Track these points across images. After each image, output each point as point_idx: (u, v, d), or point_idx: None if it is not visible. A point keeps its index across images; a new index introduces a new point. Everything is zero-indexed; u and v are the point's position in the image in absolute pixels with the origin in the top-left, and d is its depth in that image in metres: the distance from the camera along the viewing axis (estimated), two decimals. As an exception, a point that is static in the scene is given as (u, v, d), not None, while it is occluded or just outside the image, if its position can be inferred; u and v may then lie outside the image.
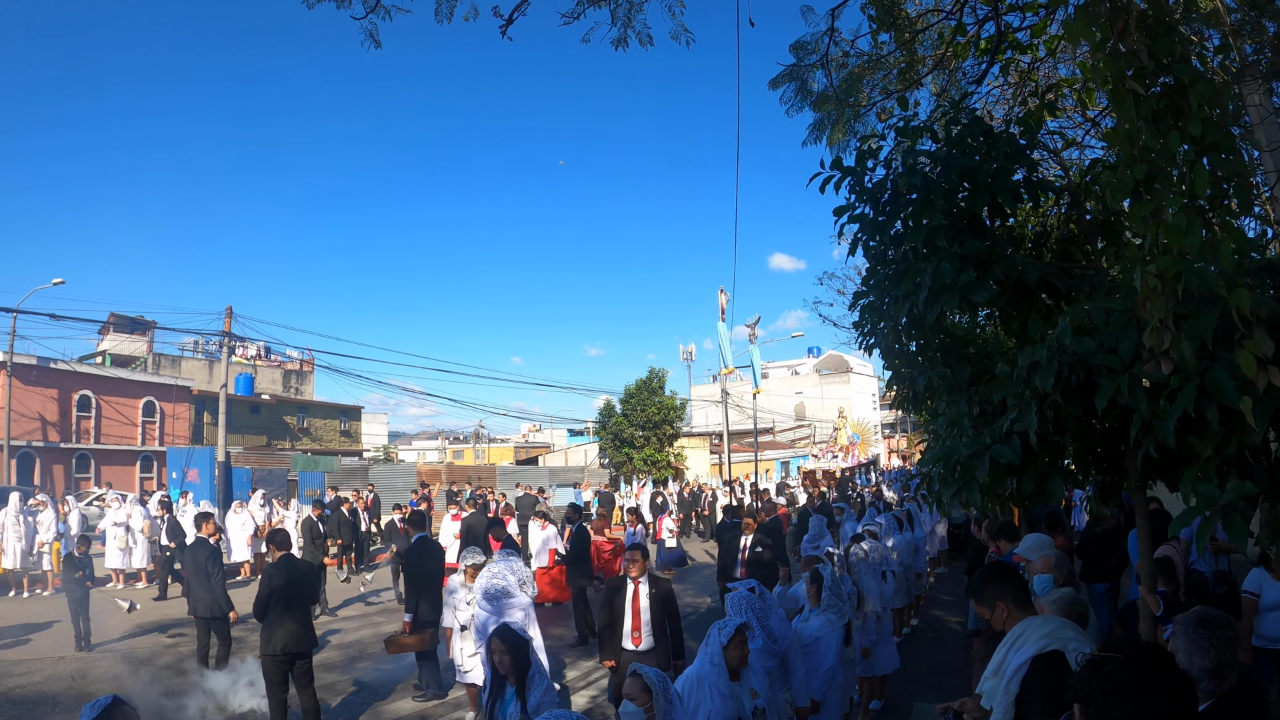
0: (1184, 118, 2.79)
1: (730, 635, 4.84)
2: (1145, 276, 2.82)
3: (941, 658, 10.70)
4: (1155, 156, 2.82)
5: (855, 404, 67.48)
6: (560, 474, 40.93)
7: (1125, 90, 2.83)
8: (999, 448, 3.77)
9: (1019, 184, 4.56)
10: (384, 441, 78.41)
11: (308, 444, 48.99)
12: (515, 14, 6.23)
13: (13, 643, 12.28)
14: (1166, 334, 2.82)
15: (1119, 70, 2.85)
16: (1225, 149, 2.79)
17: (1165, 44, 2.81)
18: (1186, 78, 2.81)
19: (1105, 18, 2.87)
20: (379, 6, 6.21)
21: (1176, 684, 2.41)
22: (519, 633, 5.05)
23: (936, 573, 16.66)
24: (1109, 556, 9.04)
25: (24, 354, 32.29)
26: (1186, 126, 2.76)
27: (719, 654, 4.80)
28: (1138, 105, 2.83)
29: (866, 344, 5.25)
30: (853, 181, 4.83)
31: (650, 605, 7.24)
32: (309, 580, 8.41)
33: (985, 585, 3.98)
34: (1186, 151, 2.79)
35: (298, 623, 7.87)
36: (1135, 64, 2.83)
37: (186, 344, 47.84)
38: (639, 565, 7.39)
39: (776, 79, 7.85)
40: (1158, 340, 2.85)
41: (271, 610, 7.80)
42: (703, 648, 4.93)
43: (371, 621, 14.01)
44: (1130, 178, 2.87)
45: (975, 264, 4.15)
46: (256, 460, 31.98)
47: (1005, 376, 3.92)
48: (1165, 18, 2.89)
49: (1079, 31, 2.99)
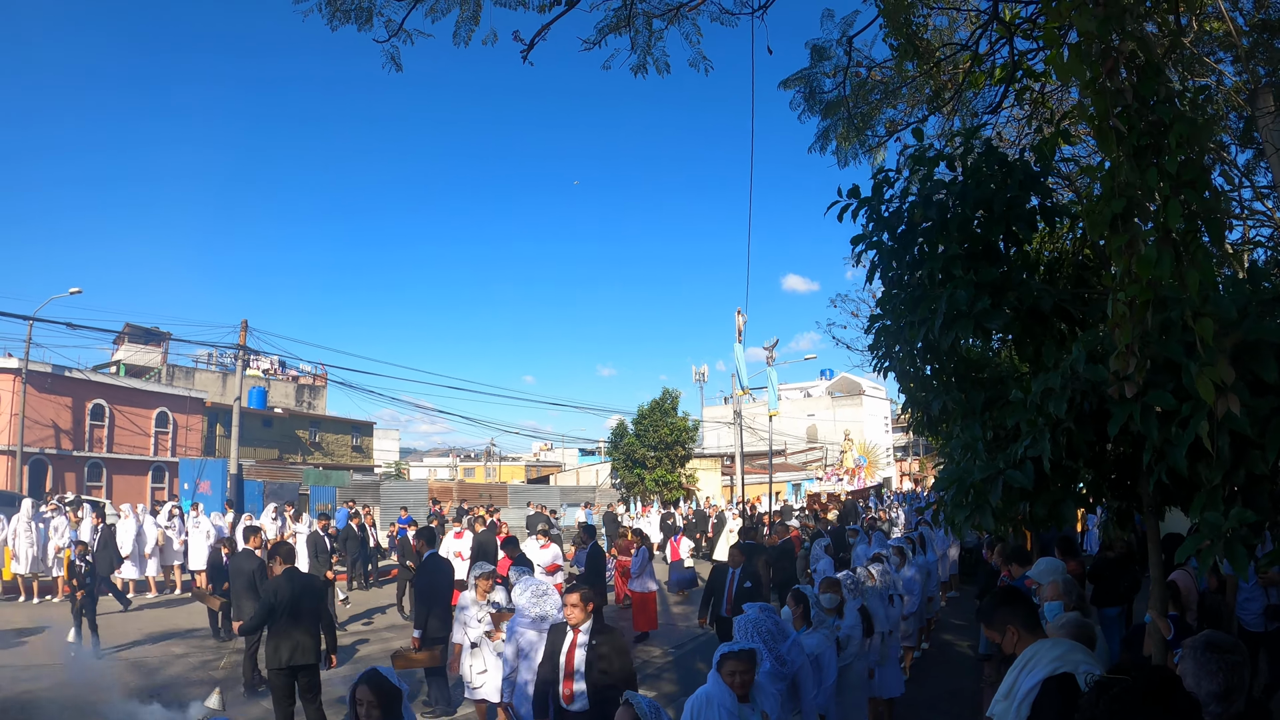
0: (1163, 154, 2.91)
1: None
2: (1115, 304, 2.98)
3: (951, 682, 10.67)
4: (1135, 191, 2.94)
5: (867, 427, 67.33)
6: (571, 493, 40.90)
7: (1109, 127, 2.95)
8: (1012, 472, 3.81)
9: (1033, 211, 4.61)
10: (395, 458, 78.51)
11: (319, 458, 49.07)
12: (536, 39, 6.34)
13: (20, 647, 12.36)
14: (1131, 359, 2.97)
15: (1105, 108, 2.97)
16: (1201, 186, 2.90)
17: (1150, 84, 2.94)
18: (1168, 117, 2.93)
19: (1096, 57, 2.96)
20: (401, 30, 6.33)
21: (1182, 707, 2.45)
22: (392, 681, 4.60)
23: (947, 597, 16.60)
24: (1121, 581, 9.01)
25: (39, 361, 32.53)
26: (1164, 163, 2.89)
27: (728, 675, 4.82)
28: (1120, 142, 2.96)
29: (882, 367, 5.29)
30: (869, 210, 4.89)
31: (587, 659, 6.09)
32: (316, 593, 8.44)
33: (995, 609, 4.00)
34: (1162, 187, 2.91)
35: (304, 635, 7.91)
36: (1121, 102, 2.96)
37: (200, 356, 48.18)
38: (578, 611, 6.25)
39: (788, 80, 7.87)
40: (1123, 364, 3.00)
41: (277, 623, 7.84)
42: (712, 671, 4.93)
43: (380, 637, 14.04)
44: (1109, 211, 3.00)
45: (990, 291, 4.20)
46: (268, 473, 32.09)
47: (1019, 402, 3.96)
48: (1153, 59, 3.01)
49: (1071, 69, 3.12)
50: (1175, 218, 2.84)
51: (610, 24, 6.51)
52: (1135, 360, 2.94)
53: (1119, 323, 2.94)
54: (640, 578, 14.21)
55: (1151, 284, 2.86)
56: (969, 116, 7.90)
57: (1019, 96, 6.86)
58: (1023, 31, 6.39)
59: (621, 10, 6.47)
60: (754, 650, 4.98)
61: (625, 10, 6.48)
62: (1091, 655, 3.75)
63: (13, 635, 13.00)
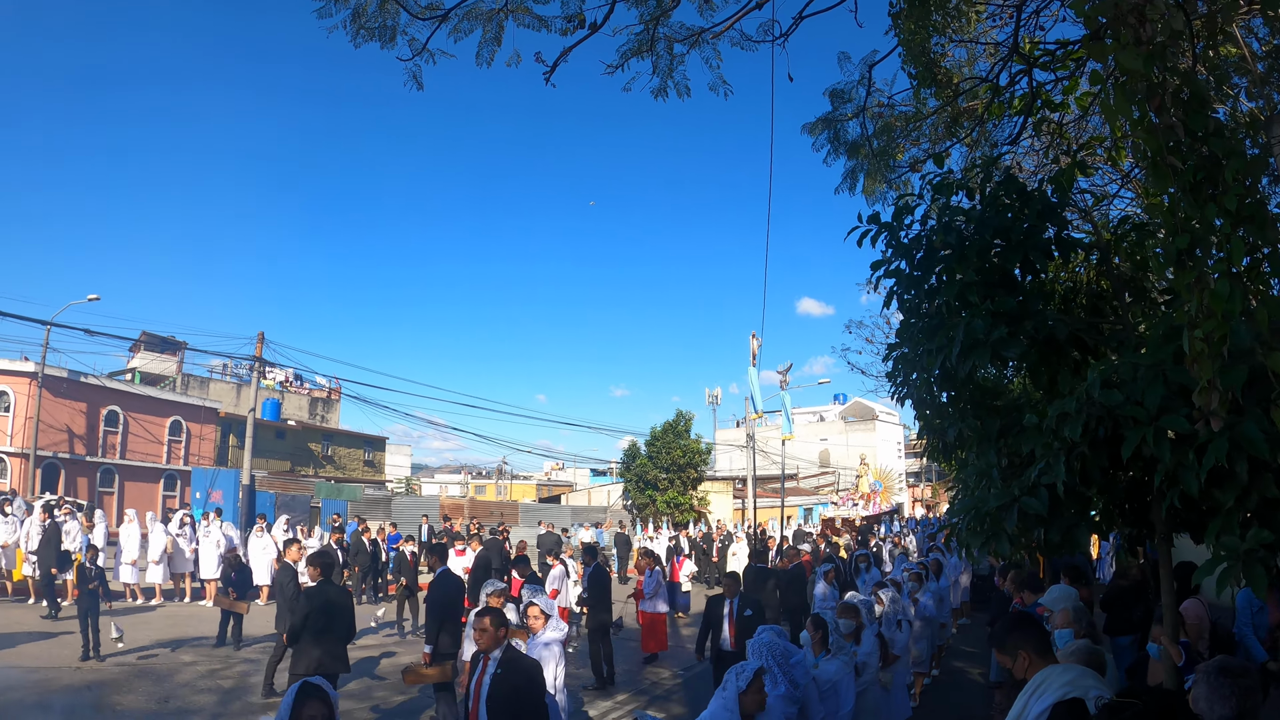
0: (1220, 189, 2.95)
1: (749, 680, 4.83)
2: (1193, 341, 2.96)
3: (962, 709, 10.62)
4: (1196, 226, 2.97)
5: (880, 451, 67.14)
6: (583, 513, 40.94)
7: (1164, 164, 2.98)
8: (1027, 499, 3.85)
9: (1050, 241, 4.65)
10: (407, 473, 78.60)
11: (331, 472, 49.26)
12: (559, 62, 6.44)
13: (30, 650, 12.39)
14: (1214, 394, 2.96)
15: (1157, 145, 3.00)
16: (1260, 221, 2.94)
17: (1199, 118, 2.95)
18: (1221, 151, 2.96)
19: (1142, 94, 3.00)
20: (424, 50, 6.43)
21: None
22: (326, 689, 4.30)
23: (959, 624, 16.53)
24: (1135, 610, 8.96)
25: (55, 366, 32.80)
26: (1223, 200, 2.92)
27: (734, 699, 4.78)
28: (1176, 178, 2.99)
29: (899, 395, 5.32)
30: (889, 236, 4.94)
31: (491, 691, 5.62)
32: (345, 605, 8.50)
33: (1008, 634, 4.03)
34: (1223, 225, 2.95)
35: (335, 645, 7.97)
36: (1172, 138, 2.98)
37: (215, 366, 48.56)
38: (486, 636, 5.77)
39: (812, 125, 7.99)
40: (1206, 400, 2.99)
41: (306, 632, 7.90)
42: (719, 692, 4.92)
43: (389, 652, 14.06)
44: (1174, 247, 3.03)
45: (1007, 320, 4.24)
46: (280, 485, 32.28)
47: (1034, 427, 4.00)
48: (1199, 93, 3.03)
49: (1118, 108, 3.12)
50: (1239, 254, 2.90)
51: (632, 48, 6.60)
52: (1219, 395, 2.95)
53: (1197, 359, 2.95)
54: (651, 599, 14.19)
55: (1225, 318, 2.88)
56: (989, 147, 7.95)
57: (1038, 127, 6.91)
58: (1042, 64, 6.45)
59: (644, 35, 6.57)
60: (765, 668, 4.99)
61: (647, 35, 6.57)
62: (1102, 681, 3.76)
63: (22, 637, 13.08)
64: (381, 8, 6.22)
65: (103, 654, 11.94)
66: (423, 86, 6.64)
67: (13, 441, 32.71)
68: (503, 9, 6.23)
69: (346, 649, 8.25)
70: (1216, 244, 3.00)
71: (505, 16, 6.25)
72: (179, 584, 18.97)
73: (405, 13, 6.24)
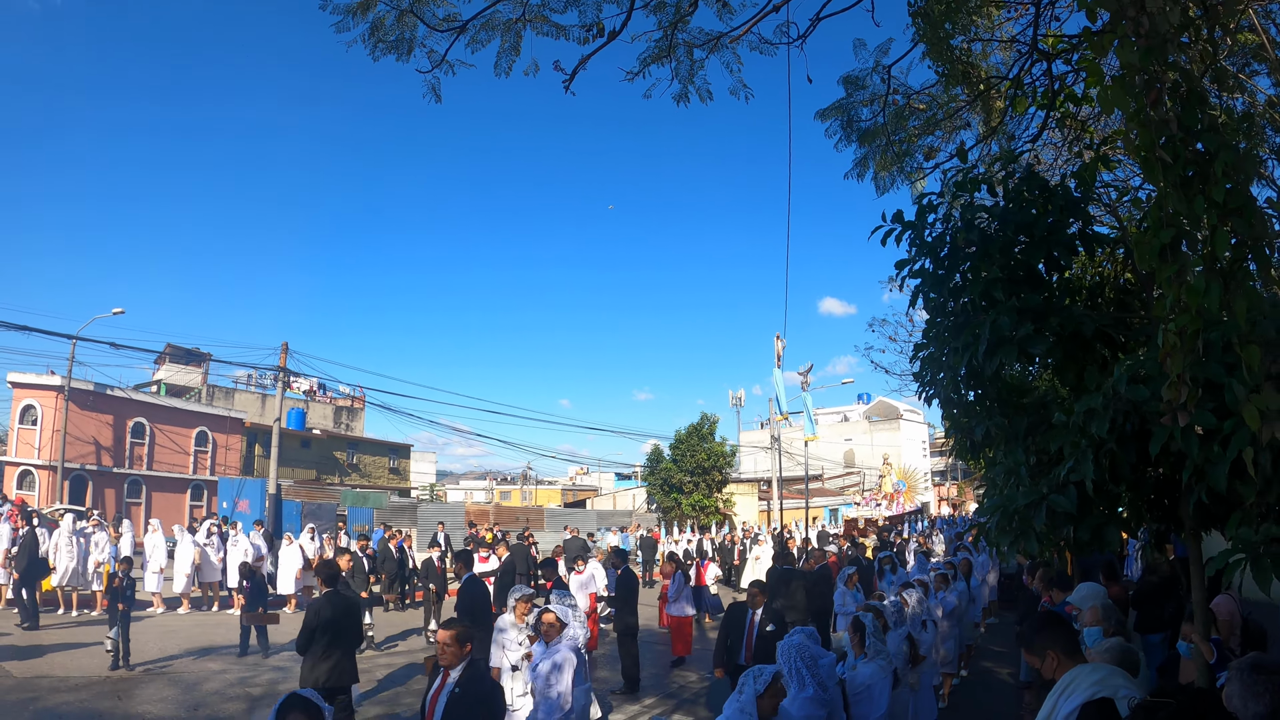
0: (1209, 184, 2.93)
1: (767, 683, 4.78)
2: (1166, 334, 2.98)
3: (990, 709, 10.55)
4: (1182, 221, 2.97)
5: (905, 451, 66.75)
6: (608, 517, 40.99)
7: (1155, 158, 2.98)
8: (1056, 497, 3.83)
9: (1074, 237, 4.63)
10: (432, 480, 78.86)
11: (357, 480, 49.49)
12: (578, 69, 6.45)
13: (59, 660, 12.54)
14: (1184, 388, 2.97)
15: (1150, 139, 3.00)
16: (1248, 214, 2.92)
17: (1194, 114, 2.96)
18: (1213, 146, 2.95)
19: (1140, 88, 2.99)
20: (443, 62, 6.46)
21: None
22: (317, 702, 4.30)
23: (987, 623, 16.42)
24: (1165, 607, 8.87)
25: (82, 379, 33.18)
26: (1210, 191, 2.91)
27: (751, 702, 4.73)
28: (1166, 172, 2.98)
29: (926, 394, 5.31)
30: (913, 235, 4.92)
31: (448, 710, 5.38)
32: (355, 615, 8.53)
33: (1036, 634, 3.99)
34: (1209, 216, 2.94)
35: (344, 657, 7.99)
36: (1165, 132, 2.98)
37: (240, 377, 48.84)
38: (450, 653, 5.54)
39: (824, 111, 7.92)
40: (1175, 394, 3.00)
41: (316, 643, 7.93)
42: (734, 696, 4.85)
43: (417, 659, 14.09)
44: (1157, 241, 3.02)
45: (1033, 317, 4.23)
46: (306, 494, 32.45)
47: (1062, 425, 3.98)
48: (1196, 88, 3.03)
49: (1114, 101, 3.13)
50: (1223, 246, 2.87)
51: (652, 54, 6.62)
52: (1188, 389, 2.95)
53: (1170, 352, 2.96)
54: (677, 602, 14.18)
55: (1201, 313, 2.88)
56: (1006, 140, 7.90)
57: (1060, 122, 6.86)
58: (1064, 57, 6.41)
59: (663, 41, 6.58)
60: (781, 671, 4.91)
61: (666, 41, 6.59)
62: (1132, 680, 3.73)
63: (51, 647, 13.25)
64: (399, 21, 6.26)
65: (132, 663, 12.05)
66: (441, 99, 6.67)
67: (40, 454, 33.09)
68: (520, 19, 6.26)
69: (355, 660, 8.25)
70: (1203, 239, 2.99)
71: (523, 26, 6.27)
72: (206, 592, 19.11)
73: (423, 25, 6.28)
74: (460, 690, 5.42)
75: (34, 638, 13.98)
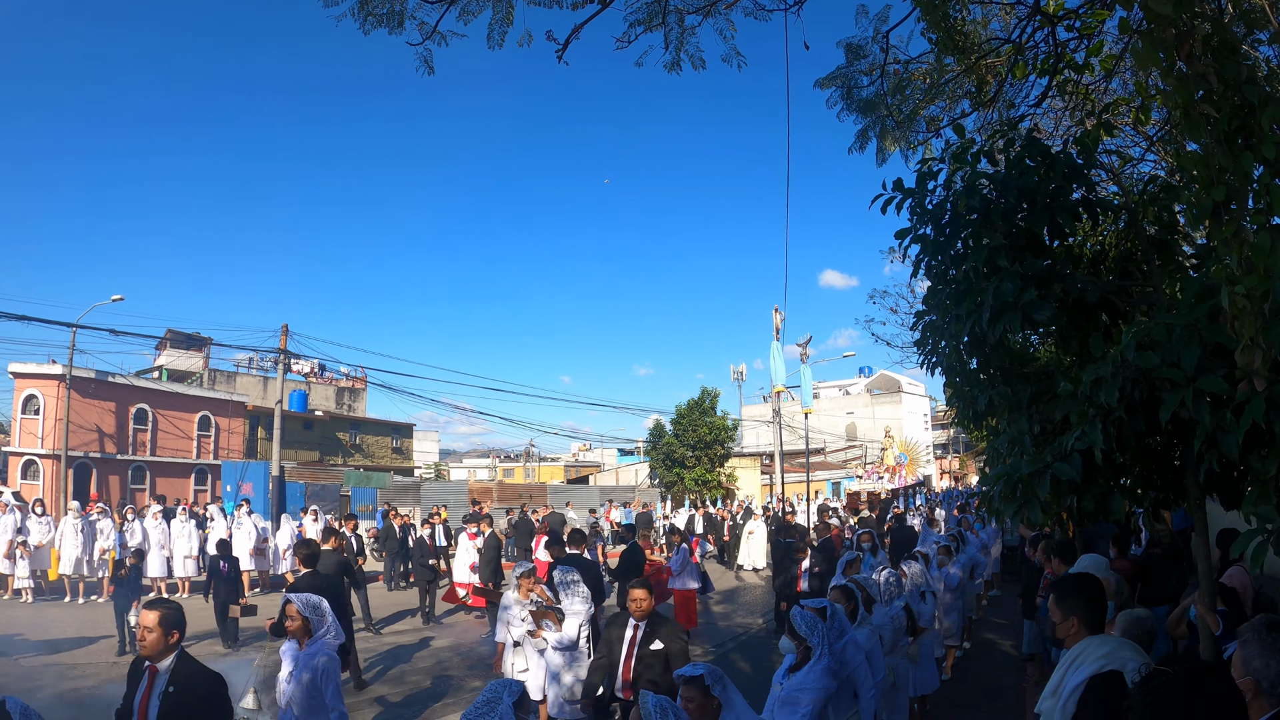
0: (1255, 138, 2.78)
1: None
2: (1234, 297, 2.80)
3: (992, 681, 10.57)
4: (1231, 178, 2.81)
5: (907, 424, 66.76)
6: (611, 493, 41.10)
7: (1197, 113, 2.83)
8: (1060, 465, 3.77)
9: (1077, 203, 4.55)
10: (435, 459, 79.05)
11: (360, 460, 49.55)
12: (570, 39, 6.35)
13: (70, 647, 12.57)
14: (1257, 351, 2.81)
15: (1189, 94, 2.86)
16: None
17: (1231, 66, 2.82)
18: (1256, 99, 2.81)
19: (1171, 43, 2.87)
20: (434, 33, 6.35)
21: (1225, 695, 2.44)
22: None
23: (989, 595, 16.44)
24: (1170, 578, 8.87)
25: (83, 368, 33.10)
26: (1259, 148, 2.76)
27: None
28: (1210, 128, 2.83)
29: (928, 363, 5.25)
30: (914, 203, 4.85)
31: (162, 713, 4.56)
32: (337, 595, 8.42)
33: (1069, 595, 3.86)
34: (1262, 173, 2.80)
35: None
36: (1204, 86, 2.84)
37: (241, 360, 48.79)
38: (152, 641, 4.71)
39: (824, 80, 7.79)
40: (1249, 358, 2.83)
41: None
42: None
43: (422, 639, 14.12)
44: (1209, 199, 2.86)
45: (1036, 283, 4.16)
46: (310, 475, 32.52)
47: (1068, 394, 3.92)
48: (1229, 39, 2.90)
49: (1146, 57, 2.98)
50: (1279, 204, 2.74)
51: (643, 19, 6.48)
52: (1261, 353, 2.79)
53: (1239, 315, 2.79)
54: (680, 576, 14.22)
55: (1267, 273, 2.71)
56: (1007, 108, 7.78)
57: (1061, 89, 6.76)
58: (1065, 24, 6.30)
59: (654, 6, 6.46)
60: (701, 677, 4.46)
61: (658, 6, 6.46)
62: (1143, 652, 3.68)
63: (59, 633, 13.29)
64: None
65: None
66: (433, 70, 6.54)
67: (44, 444, 33.11)
68: (512, -13, 6.14)
69: None
70: (1255, 195, 2.84)
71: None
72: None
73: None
74: (175, 689, 4.56)
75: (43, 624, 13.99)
